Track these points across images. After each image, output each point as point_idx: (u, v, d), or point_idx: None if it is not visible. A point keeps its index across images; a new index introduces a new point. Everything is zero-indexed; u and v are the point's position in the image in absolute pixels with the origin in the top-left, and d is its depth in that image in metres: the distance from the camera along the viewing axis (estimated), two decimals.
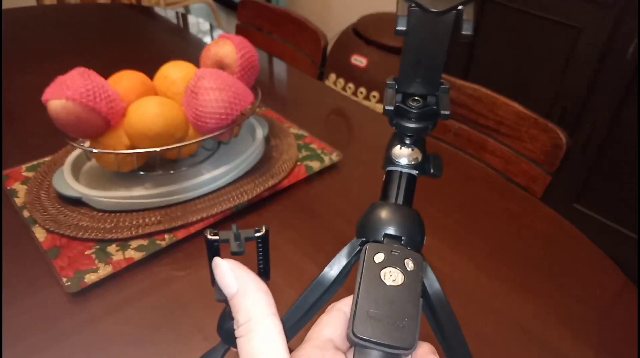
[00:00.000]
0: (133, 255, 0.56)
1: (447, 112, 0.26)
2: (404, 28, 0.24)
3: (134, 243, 0.57)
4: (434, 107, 0.26)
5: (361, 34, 1.80)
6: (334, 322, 0.24)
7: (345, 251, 0.25)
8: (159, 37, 1.28)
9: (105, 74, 0.61)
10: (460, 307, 0.27)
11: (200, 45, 1.26)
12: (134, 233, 0.58)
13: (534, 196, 0.75)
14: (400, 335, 0.21)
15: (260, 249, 0.40)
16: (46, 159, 0.70)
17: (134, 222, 0.59)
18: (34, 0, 2.23)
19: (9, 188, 0.65)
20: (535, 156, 0.79)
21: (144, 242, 0.58)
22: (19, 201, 0.62)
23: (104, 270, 0.54)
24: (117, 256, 0.56)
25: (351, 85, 1.82)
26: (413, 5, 0.23)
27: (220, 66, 0.66)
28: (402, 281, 0.22)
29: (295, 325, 0.25)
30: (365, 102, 1.76)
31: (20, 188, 0.64)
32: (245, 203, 0.64)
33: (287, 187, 0.68)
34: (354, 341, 0.21)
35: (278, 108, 0.86)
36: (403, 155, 0.27)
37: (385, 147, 0.29)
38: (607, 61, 1.22)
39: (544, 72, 1.36)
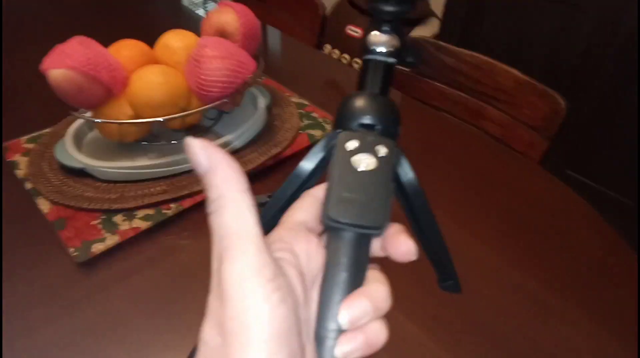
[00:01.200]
0: (139, 224, 0.56)
1: None
2: None
3: (140, 213, 0.58)
4: None
5: (356, 3, 1.77)
6: (306, 206, 0.24)
7: (321, 143, 0.25)
8: (154, 8, 1.25)
9: (105, 44, 0.60)
10: (460, 273, 0.28)
11: (195, 16, 1.24)
12: (139, 202, 0.58)
13: (532, 162, 0.76)
14: (371, 216, 0.22)
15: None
16: (46, 130, 0.69)
17: (139, 192, 0.59)
18: None
19: (9, 159, 0.64)
20: (533, 122, 0.80)
21: (151, 211, 0.58)
22: (21, 172, 0.62)
23: (111, 240, 0.54)
24: (124, 226, 0.56)
25: (346, 56, 1.80)
26: None
27: (222, 34, 0.65)
28: (374, 166, 0.23)
29: (273, 218, 0.25)
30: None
31: (22, 160, 0.64)
32: (249, 172, 0.64)
33: (290, 156, 0.68)
34: (328, 224, 0.22)
35: (278, 78, 0.86)
36: (380, 42, 0.26)
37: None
38: (601, 30, 1.22)
39: (539, 41, 1.36)
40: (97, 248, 0.53)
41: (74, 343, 0.45)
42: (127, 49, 0.61)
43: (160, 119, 0.58)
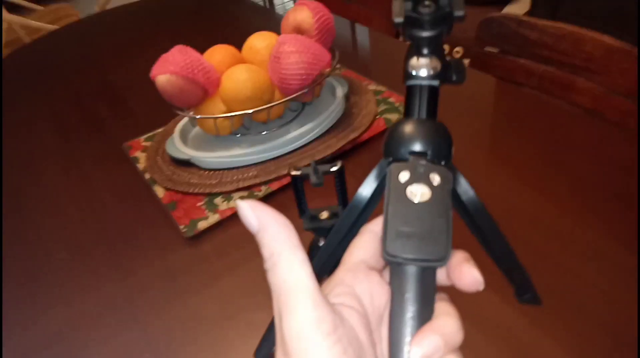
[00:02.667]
0: (236, 205, 0.64)
1: (461, 13, 0.23)
2: None
3: (236, 195, 0.66)
4: (447, 9, 0.24)
5: None
6: (364, 243, 0.25)
7: (374, 173, 0.25)
8: (247, 14, 1.37)
9: (202, 50, 0.69)
10: (541, 242, 0.28)
11: (278, 17, 1.33)
12: (235, 186, 0.66)
13: (629, 131, 0.71)
14: (432, 248, 0.21)
15: (338, 182, 0.46)
16: (159, 130, 0.81)
17: (235, 177, 0.67)
18: None
19: (131, 156, 0.77)
20: (628, 90, 0.75)
21: (244, 193, 0.66)
22: (140, 166, 0.74)
23: (213, 218, 0.63)
24: (223, 206, 0.64)
25: None
26: None
27: (299, 30, 0.71)
28: (429, 196, 0.22)
29: (336, 250, 0.25)
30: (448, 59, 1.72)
31: (141, 156, 0.76)
32: (329, 155, 0.69)
33: (368, 139, 0.72)
34: (388, 259, 0.22)
35: (357, 68, 0.90)
36: (421, 66, 0.25)
37: (469, 97, 0.27)
38: None
39: None
40: (202, 225, 0.62)
41: (179, 303, 0.54)
42: (218, 54, 0.70)
43: (249, 112, 0.66)
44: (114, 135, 0.85)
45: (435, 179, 0.22)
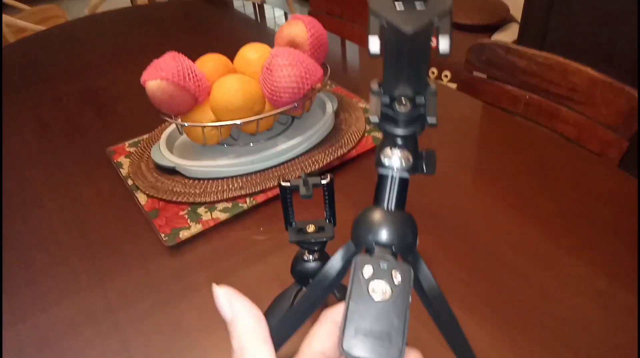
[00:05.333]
0: (219, 215, 0.63)
1: (434, 121, 0.24)
2: (377, 51, 0.24)
3: (220, 206, 0.65)
4: (422, 111, 0.24)
5: None
6: (324, 333, 0.25)
7: (340, 254, 0.26)
8: (237, 26, 1.37)
9: (192, 59, 0.69)
10: (524, 264, 0.28)
11: (271, 32, 1.33)
12: (219, 197, 0.65)
13: (611, 161, 0.73)
14: (386, 349, 0.21)
15: (327, 195, 0.45)
16: (144, 136, 0.80)
17: (220, 188, 0.66)
18: (129, 2, 2.44)
19: (115, 161, 0.75)
20: (611, 121, 0.77)
21: (229, 205, 0.65)
22: (124, 171, 0.72)
23: (195, 228, 0.62)
24: (206, 217, 0.63)
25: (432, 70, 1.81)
26: (385, 23, 0.23)
27: (293, 44, 0.72)
28: (390, 294, 0.22)
29: (296, 323, 0.26)
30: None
31: (125, 161, 0.75)
32: (316, 171, 0.69)
33: (355, 157, 0.72)
34: (344, 354, 0.22)
35: (348, 86, 0.90)
36: (394, 159, 0.26)
37: (457, 120, 0.27)
38: None
39: (628, 33, 1.28)
40: (184, 234, 0.61)
41: (159, 312, 0.53)
42: (210, 62, 0.69)
43: (237, 122, 0.65)
44: (98, 140, 0.83)
45: (397, 277, 0.23)
